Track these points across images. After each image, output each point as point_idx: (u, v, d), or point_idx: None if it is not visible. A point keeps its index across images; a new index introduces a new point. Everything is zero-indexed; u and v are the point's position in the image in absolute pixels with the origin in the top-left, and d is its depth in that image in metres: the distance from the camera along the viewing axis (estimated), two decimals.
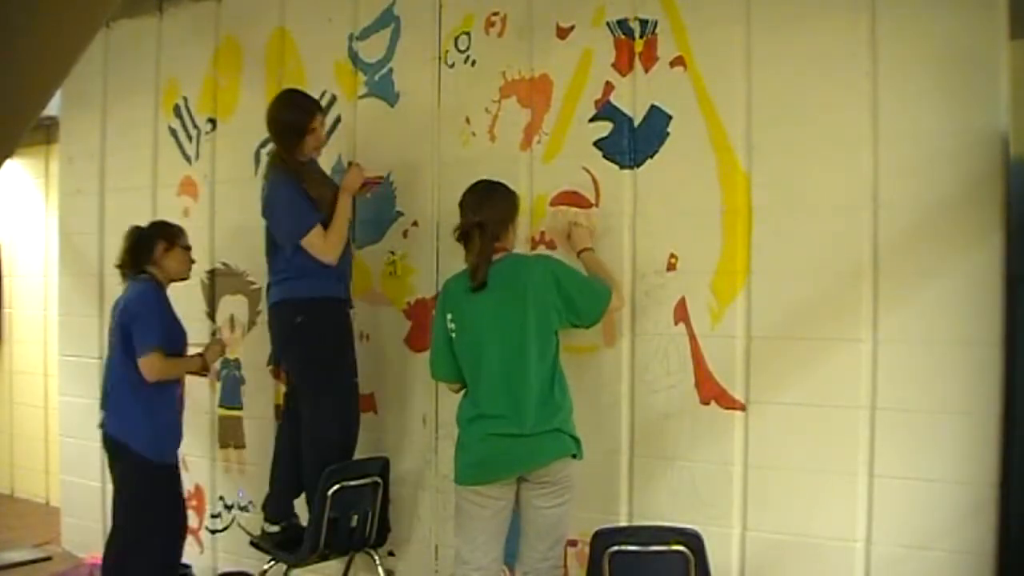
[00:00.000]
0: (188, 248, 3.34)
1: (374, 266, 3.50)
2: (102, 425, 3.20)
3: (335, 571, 3.47)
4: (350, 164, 3.30)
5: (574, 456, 2.68)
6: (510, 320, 2.65)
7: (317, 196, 3.09)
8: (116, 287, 4.26)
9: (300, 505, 3.23)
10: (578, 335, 2.89)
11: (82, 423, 4.39)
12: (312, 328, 3.10)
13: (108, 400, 3.19)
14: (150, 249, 3.24)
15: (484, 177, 2.85)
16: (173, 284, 3.33)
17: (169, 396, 3.21)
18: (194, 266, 3.44)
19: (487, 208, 2.73)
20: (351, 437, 3.21)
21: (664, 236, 2.91)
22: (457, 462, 2.74)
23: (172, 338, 3.20)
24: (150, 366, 3.07)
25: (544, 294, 2.66)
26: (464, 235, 2.73)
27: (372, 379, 3.46)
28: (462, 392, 2.80)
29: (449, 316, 2.75)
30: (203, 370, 3.33)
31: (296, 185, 3.07)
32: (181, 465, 3.33)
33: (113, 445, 3.16)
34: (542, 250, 3.11)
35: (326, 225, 3.08)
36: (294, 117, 3.10)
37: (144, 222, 3.39)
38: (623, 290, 2.92)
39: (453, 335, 2.74)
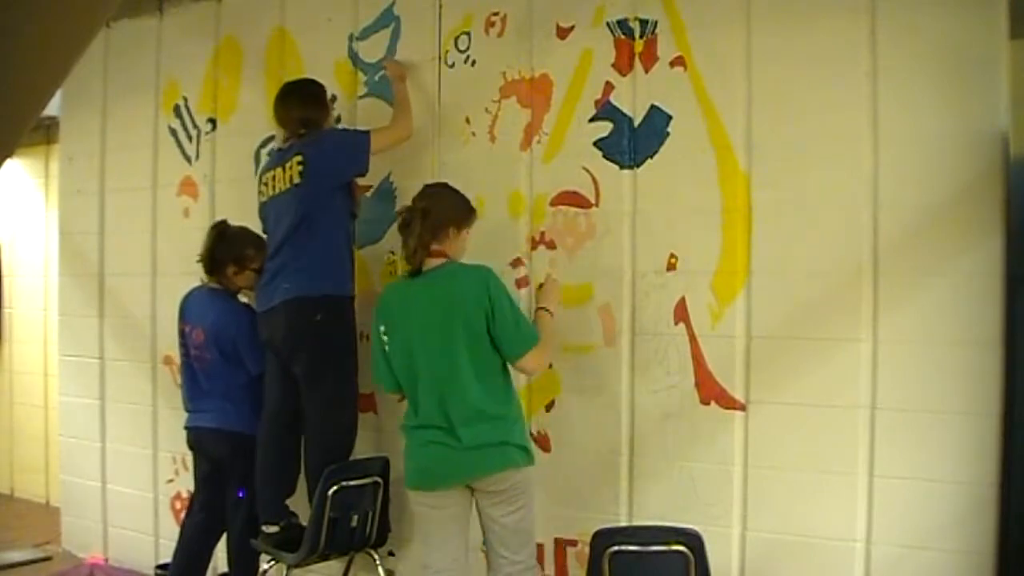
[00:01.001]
0: (258, 269, 3.35)
1: (374, 266, 3.50)
2: (197, 425, 3.42)
3: (335, 571, 3.47)
4: (384, 64, 3.42)
5: (520, 466, 2.64)
6: (440, 331, 2.61)
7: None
8: (116, 287, 4.31)
9: (300, 505, 3.23)
10: (577, 332, 2.89)
11: (82, 423, 4.41)
12: (332, 326, 3.09)
13: (204, 402, 3.40)
14: (223, 265, 3.39)
15: (486, 177, 2.85)
16: (173, 282, 3.49)
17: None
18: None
19: (436, 200, 2.73)
20: (355, 436, 3.22)
21: (664, 236, 2.91)
22: (405, 467, 2.75)
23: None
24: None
25: (476, 305, 2.59)
26: (405, 223, 2.70)
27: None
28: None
29: (382, 327, 2.73)
30: None
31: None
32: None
33: (228, 435, 3.35)
34: (542, 250, 3.11)
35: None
36: (322, 111, 3.26)
37: (232, 222, 3.46)
38: (615, 299, 2.93)
39: (386, 346, 2.72)
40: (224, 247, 3.38)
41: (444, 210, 2.72)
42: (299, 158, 3.07)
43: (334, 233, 3.14)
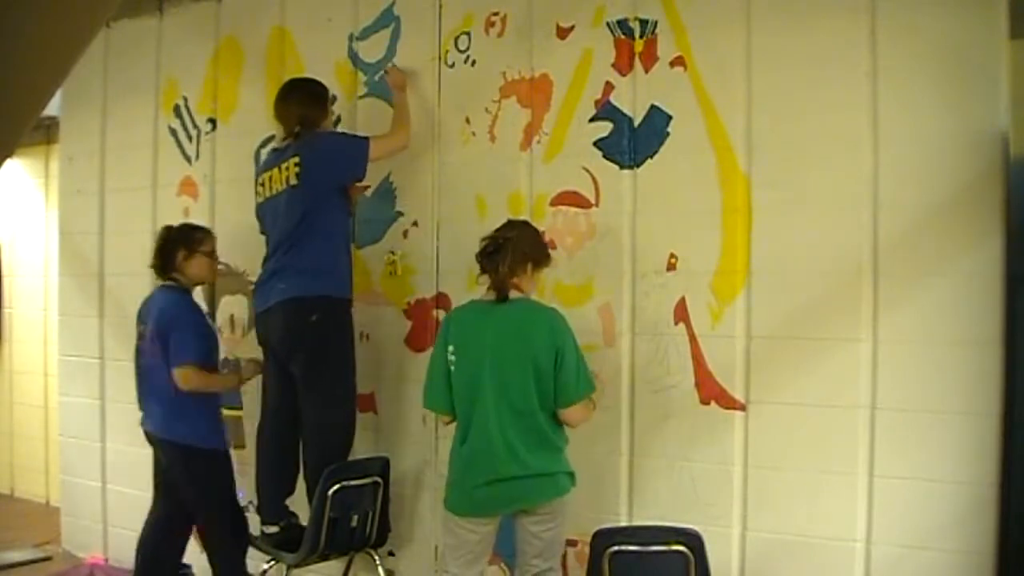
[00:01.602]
0: (210, 253, 3.36)
1: (374, 266, 3.50)
2: (144, 425, 3.34)
3: (335, 571, 3.47)
4: (386, 71, 3.41)
5: (569, 491, 2.69)
6: (515, 360, 2.62)
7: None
8: (116, 287, 4.31)
9: (300, 504, 3.23)
10: (577, 333, 2.88)
11: (82, 423, 4.41)
12: (328, 327, 3.09)
13: (149, 404, 3.33)
14: (173, 255, 3.33)
15: (486, 177, 2.85)
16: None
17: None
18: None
19: (522, 233, 2.74)
20: (352, 436, 3.22)
21: (664, 236, 2.91)
22: (449, 492, 2.74)
23: (205, 348, 3.29)
24: (185, 379, 3.18)
25: (548, 344, 2.62)
26: (491, 251, 2.69)
27: (372, 379, 3.46)
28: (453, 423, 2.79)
29: (451, 348, 2.71)
30: (237, 386, 3.50)
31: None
32: None
33: (165, 446, 3.28)
34: None
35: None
36: (321, 111, 3.26)
37: (175, 222, 3.47)
38: (616, 299, 2.90)
39: (452, 367, 2.71)
40: (170, 240, 3.35)
41: (528, 245, 2.73)
42: (296, 159, 3.07)
43: (331, 234, 3.14)
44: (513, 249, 2.67)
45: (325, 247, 3.12)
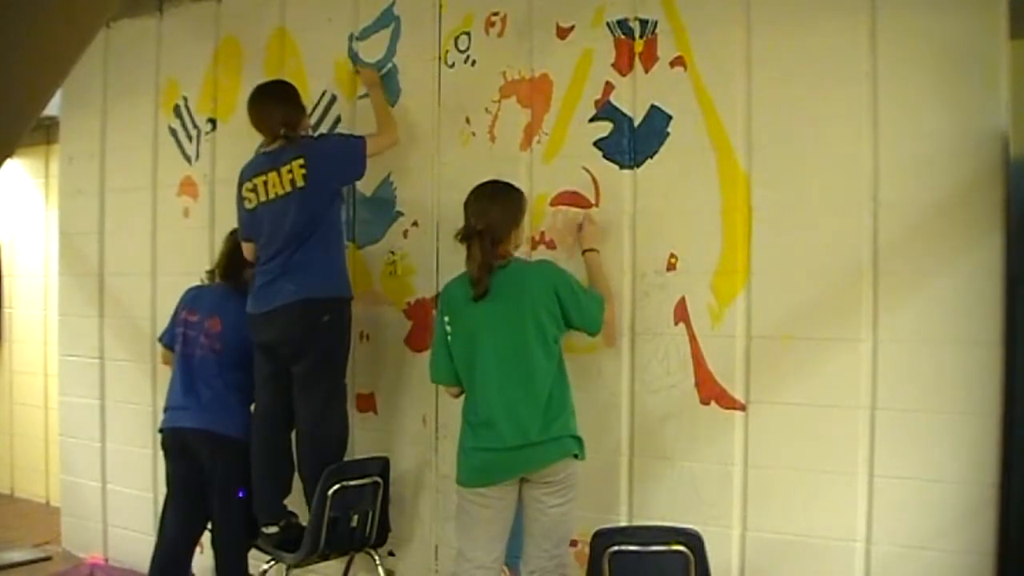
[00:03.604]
0: None
1: (374, 266, 3.50)
2: (179, 426, 3.31)
3: (335, 571, 3.47)
4: (356, 71, 3.49)
5: (576, 456, 2.68)
6: (508, 329, 2.65)
7: None
8: (116, 287, 4.31)
9: (299, 505, 3.23)
10: (576, 335, 2.89)
11: (82, 423, 4.41)
12: (336, 327, 3.11)
13: (192, 396, 3.32)
14: (241, 269, 3.37)
15: (486, 177, 2.84)
16: (173, 282, 3.44)
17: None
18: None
19: (491, 213, 2.71)
20: (348, 435, 3.24)
21: (664, 236, 2.91)
22: (459, 464, 2.75)
23: None
24: None
25: (544, 303, 2.65)
26: (466, 242, 2.72)
27: (372, 379, 3.46)
28: (463, 395, 2.81)
29: (447, 319, 2.76)
30: None
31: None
32: None
33: (207, 439, 3.26)
34: (542, 250, 3.11)
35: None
36: (300, 110, 3.25)
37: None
38: (616, 299, 2.93)
39: (450, 338, 2.75)
40: (241, 253, 3.32)
41: (501, 220, 2.72)
42: (300, 162, 3.07)
43: (334, 235, 3.15)
44: (482, 243, 2.68)
45: (331, 248, 3.13)
